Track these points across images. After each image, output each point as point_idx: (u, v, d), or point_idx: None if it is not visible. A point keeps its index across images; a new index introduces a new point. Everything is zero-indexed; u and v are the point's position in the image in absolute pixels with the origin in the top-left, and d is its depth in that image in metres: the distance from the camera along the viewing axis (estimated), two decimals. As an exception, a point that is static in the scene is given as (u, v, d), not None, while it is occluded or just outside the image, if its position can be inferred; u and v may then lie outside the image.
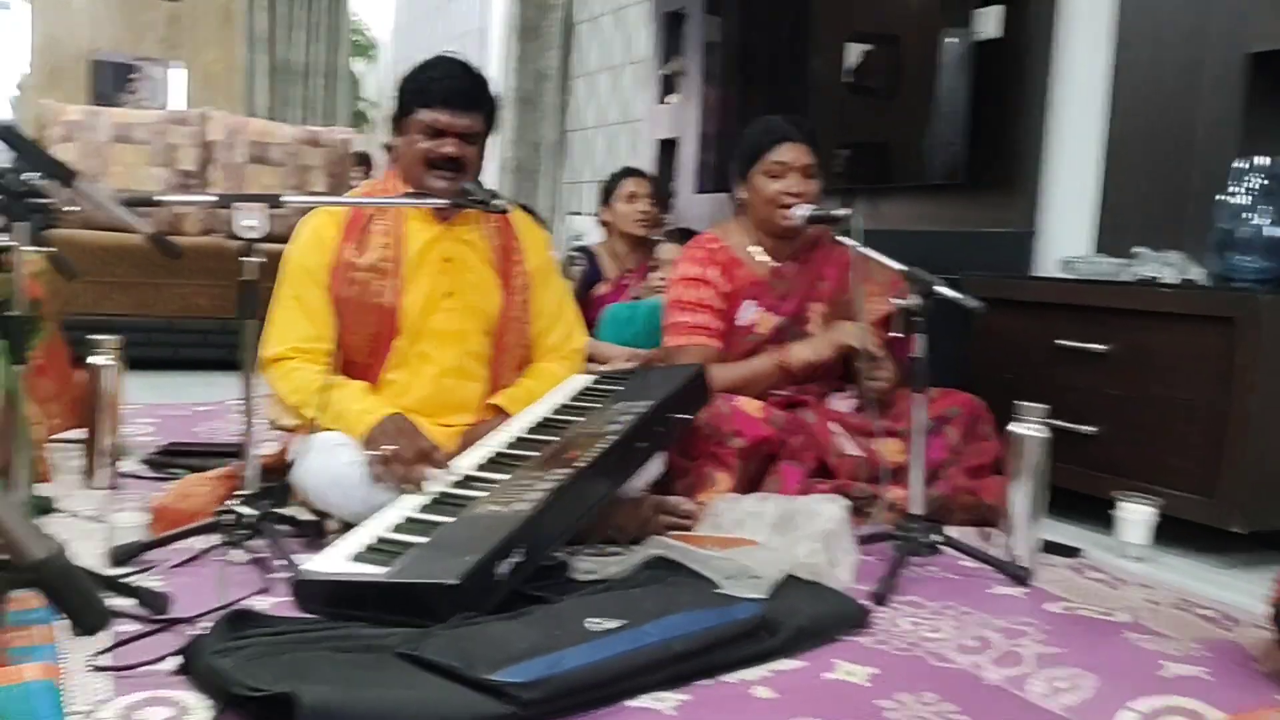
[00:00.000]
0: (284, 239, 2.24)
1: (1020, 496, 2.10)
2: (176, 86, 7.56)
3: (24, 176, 1.40)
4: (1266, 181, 2.51)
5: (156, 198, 1.73)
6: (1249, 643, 1.73)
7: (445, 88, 2.10)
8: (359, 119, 8.56)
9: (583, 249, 3.72)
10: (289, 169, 4.82)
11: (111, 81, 7.36)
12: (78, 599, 0.55)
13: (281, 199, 1.84)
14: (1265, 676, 1.60)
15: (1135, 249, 2.73)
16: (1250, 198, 2.52)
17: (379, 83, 9.32)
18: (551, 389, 2.26)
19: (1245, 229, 2.51)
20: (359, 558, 1.70)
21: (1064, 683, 1.53)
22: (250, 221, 1.82)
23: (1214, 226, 2.58)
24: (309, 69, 6.90)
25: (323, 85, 6.94)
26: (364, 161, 7.09)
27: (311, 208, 2.23)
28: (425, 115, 2.11)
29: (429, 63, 2.17)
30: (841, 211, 2.32)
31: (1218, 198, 2.56)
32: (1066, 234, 3.17)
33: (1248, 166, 2.54)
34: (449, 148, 2.11)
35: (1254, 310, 2.24)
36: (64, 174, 1.45)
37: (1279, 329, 2.25)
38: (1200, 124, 2.81)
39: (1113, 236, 3.03)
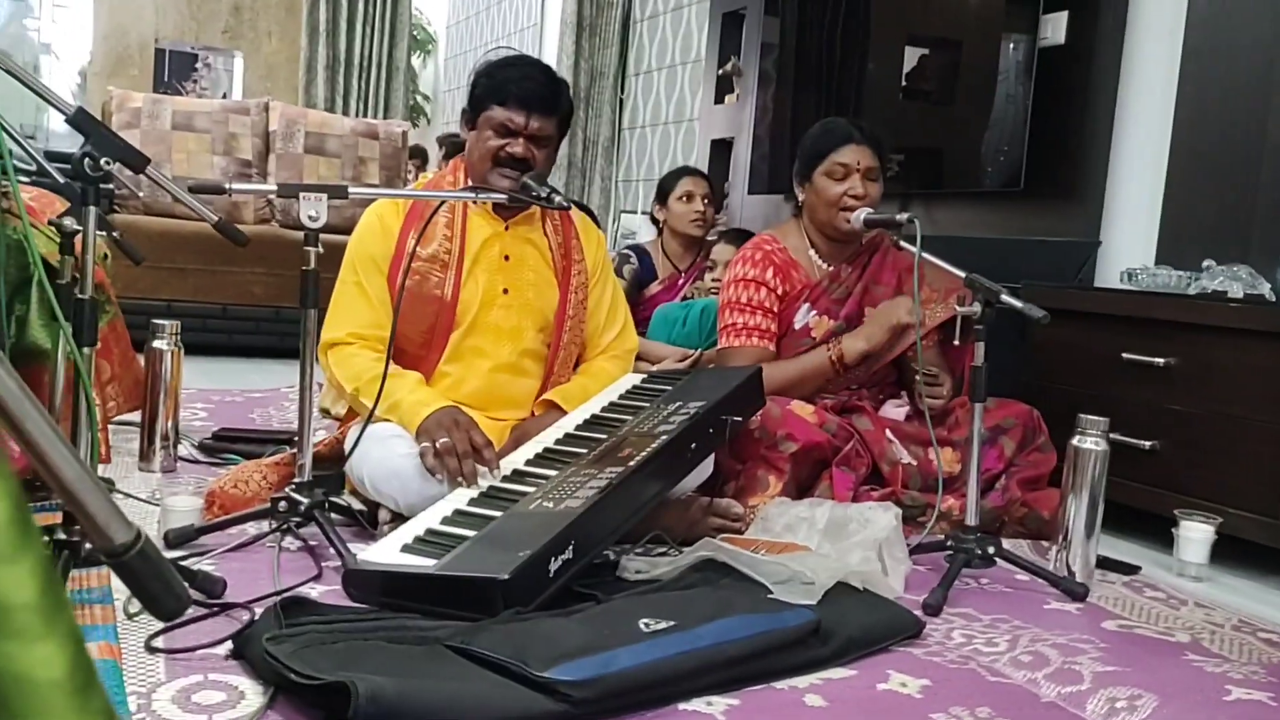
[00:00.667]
0: (342, 230, 2.26)
1: (1078, 511, 2.07)
2: (237, 76, 7.67)
3: (102, 161, 1.42)
4: (1341, 196, 2.45)
5: (225, 185, 1.74)
6: (1314, 669, 1.69)
7: (523, 89, 2.10)
8: (414, 112, 8.62)
9: (635, 247, 3.71)
10: (345, 160, 4.87)
11: (174, 70, 7.48)
12: (158, 584, 0.55)
13: (348, 190, 1.85)
14: (1332, 705, 1.55)
15: (1204, 262, 2.67)
16: (1324, 212, 2.46)
17: (435, 76, 9.38)
18: (604, 387, 2.26)
19: (1318, 244, 2.44)
20: (410, 549, 1.71)
21: (1123, 702, 1.50)
22: (313, 211, 1.83)
23: (1285, 241, 2.52)
24: (368, 62, 6.96)
25: (381, 78, 6.99)
26: (418, 154, 7.15)
27: (374, 198, 2.24)
28: (499, 113, 2.11)
29: (508, 60, 2.17)
30: (902, 216, 2.29)
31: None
32: (1128, 244, 3.11)
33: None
34: (518, 148, 2.11)
35: (1326, 328, 2.19)
36: (136, 160, 1.46)
37: (1352, 348, 2.19)
38: (1270, 135, 2.75)
39: (1175, 248, 2.97)
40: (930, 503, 2.29)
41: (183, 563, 1.72)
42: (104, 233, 1.92)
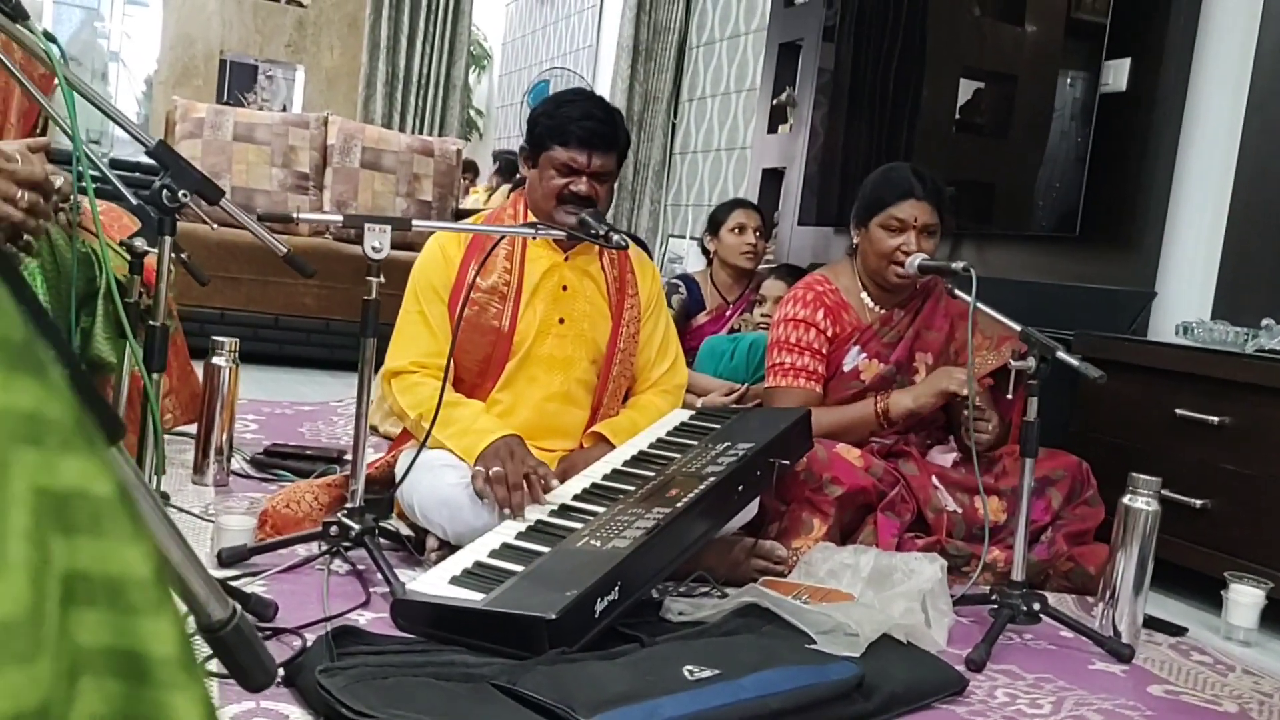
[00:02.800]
0: (397, 247, 2.27)
1: (1126, 570, 2.05)
2: (298, 89, 7.81)
3: (180, 194, 1.45)
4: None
5: (293, 215, 1.78)
6: (1366, 748, 1.66)
7: (584, 129, 2.12)
8: (468, 127, 8.72)
9: (684, 277, 3.72)
10: (400, 176, 4.93)
11: (237, 81, 7.62)
12: (249, 658, 0.57)
13: (412, 223, 1.88)
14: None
15: (1264, 320, 2.64)
16: (1389, 276, 2.42)
17: (489, 92, 9.48)
18: (652, 421, 2.27)
19: (1381, 308, 2.41)
20: (458, 581, 1.73)
21: (1169, 776, 1.48)
22: (377, 243, 1.86)
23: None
24: (426, 79, 7.05)
25: (438, 95, 7.08)
26: (469, 168, 7.22)
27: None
28: (562, 154, 2.13)
29: (567, 98, 2.20)
30: (957, 265, 2.29)
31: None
32: (1184, 297, 3.08)
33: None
34: (582, 186, 2.13)
35: (1388, 396, 2.15)
36: (212, 193, 1.50)
37: None
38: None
39: (1233, 303, 2.94)
40: (975, 553, 2.27)
41: (235, 583, 1.75)
42: (173, 254, 1.97)
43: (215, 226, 2.00)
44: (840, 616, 1.76)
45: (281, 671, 1.47)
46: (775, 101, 5.21)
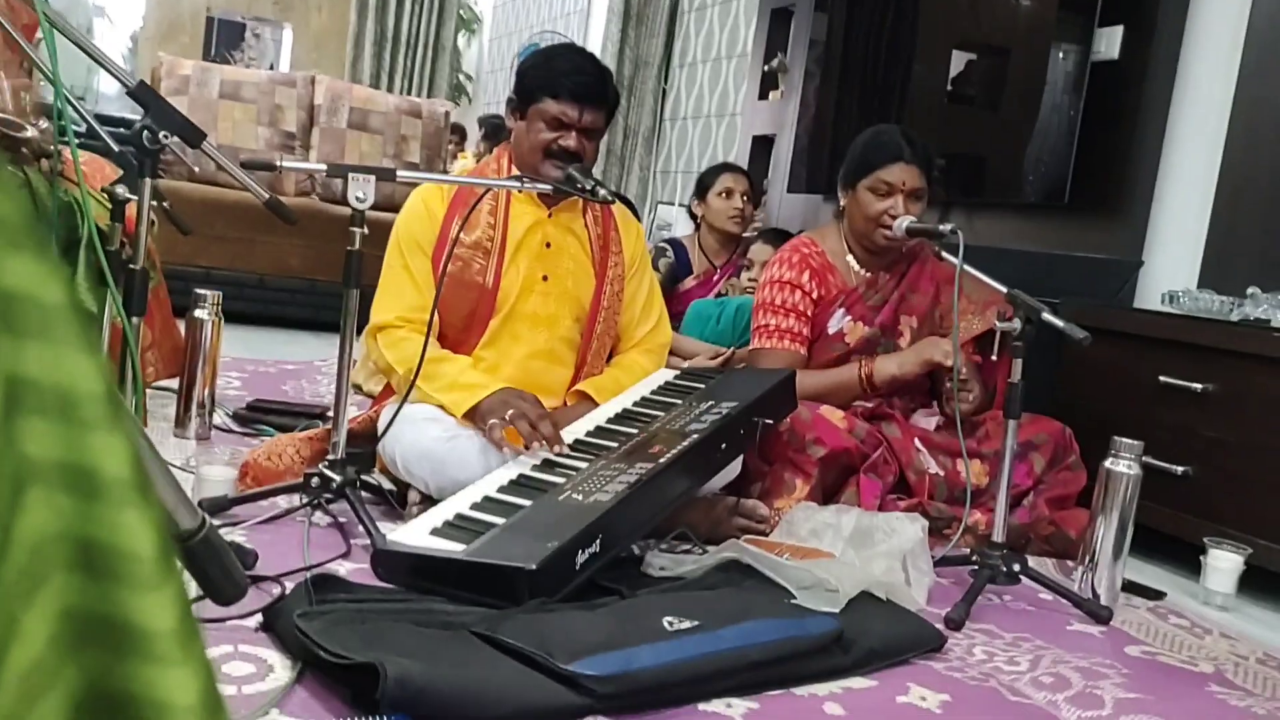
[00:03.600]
0: (383, 208, 2.26)
1: (1106, 534, 2.06)
2: (285, 48, 7.72)
3: (160, 135, 1.43)
4: (1393, 230, 2.42)
5: (277, 162, 1.76)
6: (1338, 708, 1.67)
7: (576, 83, 2.10)
8: (457, 91, 8.65)
9: (672, 241, 3.71)
10: (387, 137, 4.89)
11: (224, 39, 7.53)
12: (219, 570, 0.56)
13: (396, 174, 1.86)
14: (1355, 746, 1.54)
15: (1249, 289, 2.64)
16: (1374, 246, 2.42)
17: (478, 56, 9.40)
18: (636, 380, 2.26)
19: (1366, 278, 2.41)
20: (439, 533, 1.72)
21: (1144, 731, 1.50)
22: (361, 193, 1.84)
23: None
24: (414, 39, 6.98)
25: (426, 56, 7.01)
26: (456, 131, 7.16)
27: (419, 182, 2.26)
28: (552, 107, 2.11)
29: (556, 51, 2.18)
30: (945, 227, 2.28)
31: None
32: (1171, 266, 3.09)
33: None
34: (570, 141, 2.11)
35: (1370, 364, 2.16)
36: (193, 135, 1.48)
37: (1394, 385, 2.17)
38: (1326, 165, 2.72)
39: (1219, 272, 2.94)
40: (956, 515, 2.28)
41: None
42: (155, 202, 1.95)
43: (196, 169, 1.96)
44: (820, 573, 1.77)
45: (260, 617, 1.47)
46: (766, 68, 5.17)
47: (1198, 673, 1.78)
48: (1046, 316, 1.95)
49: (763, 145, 5.15)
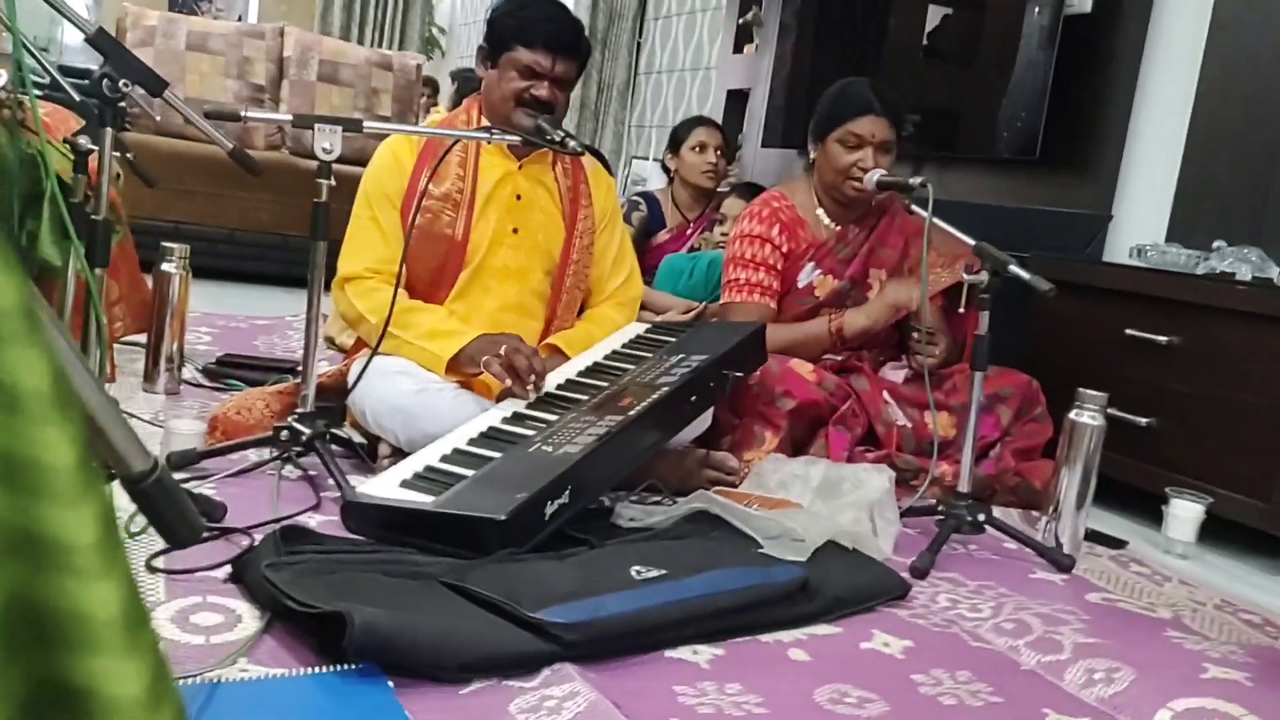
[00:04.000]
0: (353, 161, 2.25)
1: (1070, 484, 2.09)
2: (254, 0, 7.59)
3: (120, 83, 1.41)
4: (1357, 184, 2.44)
5: (241, 113, 1.74)
6: (1291, 651, 1.72)
7: (548, 31, 2.08)
8: (429, 45, 8.54)
9: (645, 195, 3.70)
10: (358, 90, 4.83)
11: (190, -11, 7.40)
12: (173, 512, 0.57)
13: (363, 124, 1.85)
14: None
15: (1215, 243, 2.67)
16: (1338, 200, 2.45)
17: (451, 9, 9.27)
18: (608, 333, 2.27)
19: (1330, 232, 2.44)
20: (409, 484, 1.73)
21: (1101, 674, 1.53)
22: (328, 144, 1.83)
23: (1297, 226, 2.51)
24: (384, -9, 6.88)
25: (398, 8, 6.91)
26: (428, 84, 7.07)
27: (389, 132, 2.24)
28: (525, 55, 2.09)
29: (525, 3, 2.14)
30: (914, 180, 2.29)
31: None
32: (1140, 220, 3.10)
33: (1339, 167, 2.46)
34: (543, 91, 2.10)
35: (1330, 316, 2.19)
36: (155, 83, 1.46)
37: (1354, 337, 2.20)
38: (1293, 119, 2.73)
39: (1187, 226, 2.97)
40: (924, 466, 2.31)
41: (183, 485, 1.74)
42: (118, 153, 1.92)
43: (158, 118, 1.93)
44: (787, 522, 1.79)
45: (229, 568, 1.47)
46: (741, 21, 5.13)
47: (1156, 618, 1.81)
48: (1013, 269, 1.96)
49: (738, 99, 5.12)
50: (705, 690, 1.33)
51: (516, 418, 1.96)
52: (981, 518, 2.05)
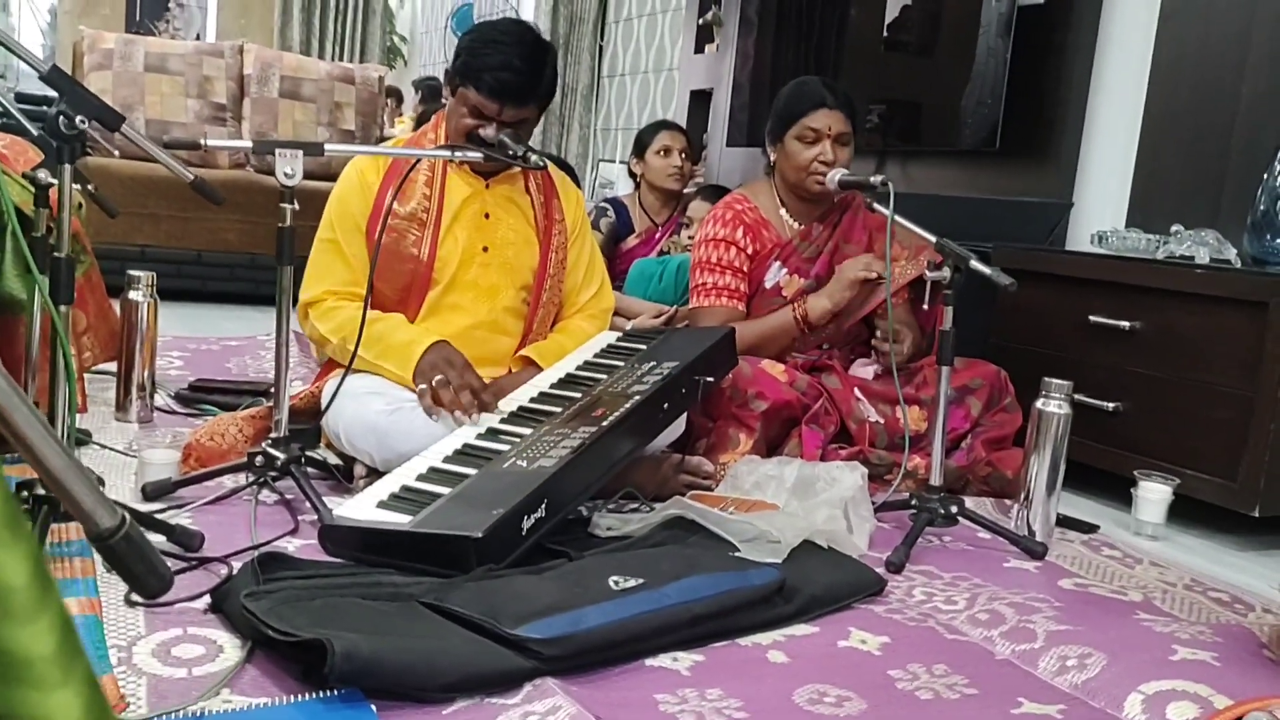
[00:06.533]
0: (318, 177, 2.24)
1: (1039, 471, 2.12)
2: (211, 17, 7.54)
3: (77, 120, 1.42)
4: (1309, 165, 2.49)
5: (200, 140, 1.74)
6: (1260, 629, 1.75)
7: (499, 80, 2.05)
8: (391, 54, 8.51)
9: (612, 201, 3.71)
10: (321, 105, 4.82)
11: (147, 9, 7.35)
12: (141, 565, 0.58)
13: (324, 148, 1.85)
14: (1275, 664, 1.62)
15: (1173, 227, 2.71)
16: (1291, 180, 2.49)
17: (413, 16, 9.24)
18: (580, 345, 2.28)
19: (1283, 212, 2.48)
20: (385, 505, 1.74)
21: (1073, 661, 1.56)
22: (289, 169, 1.83)
23: (1252, 207, 2.56)
24: (344, 3, 6.86)
25: (357, 20, 6.89)
26: (392, 94, 7.06)
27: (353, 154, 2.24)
28: (474, 96, 2.08)
29: (492, 36, 2.10)
30: (876, 178, 2.31)
31: (1265, 177, 2.54)
32: (1100, 207, 3.15)
33: (1291, 148, 2.51)
34: (490, 131, 2.08)
35: (1287, 296, 2.23)
36: (111, 118, 1.46)
37: (1310, 316, 2.24)
38: (1244, 101, 2.78)
39: (1146, 211, 3.01)
40: (897, 461, 2.34)
41: (160, 516, 1.75)
42: (79, 185, 1.92)
43: (116, 154, 1.93)
44: (763, 525, 1.81)
45: (208, 598, 1.48)
46: (701, 21, 5.15)
47: (1126, 601, 1.85)
48: (974, 264, 1.99)
49: (701, 99, 5.14)
50: (686, 697, 1.34)
51: (491, 433, 1.97)
52: (954, 509, 2.08)
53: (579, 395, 2.06)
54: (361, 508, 1.74)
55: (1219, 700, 1.44)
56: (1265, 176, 2.51)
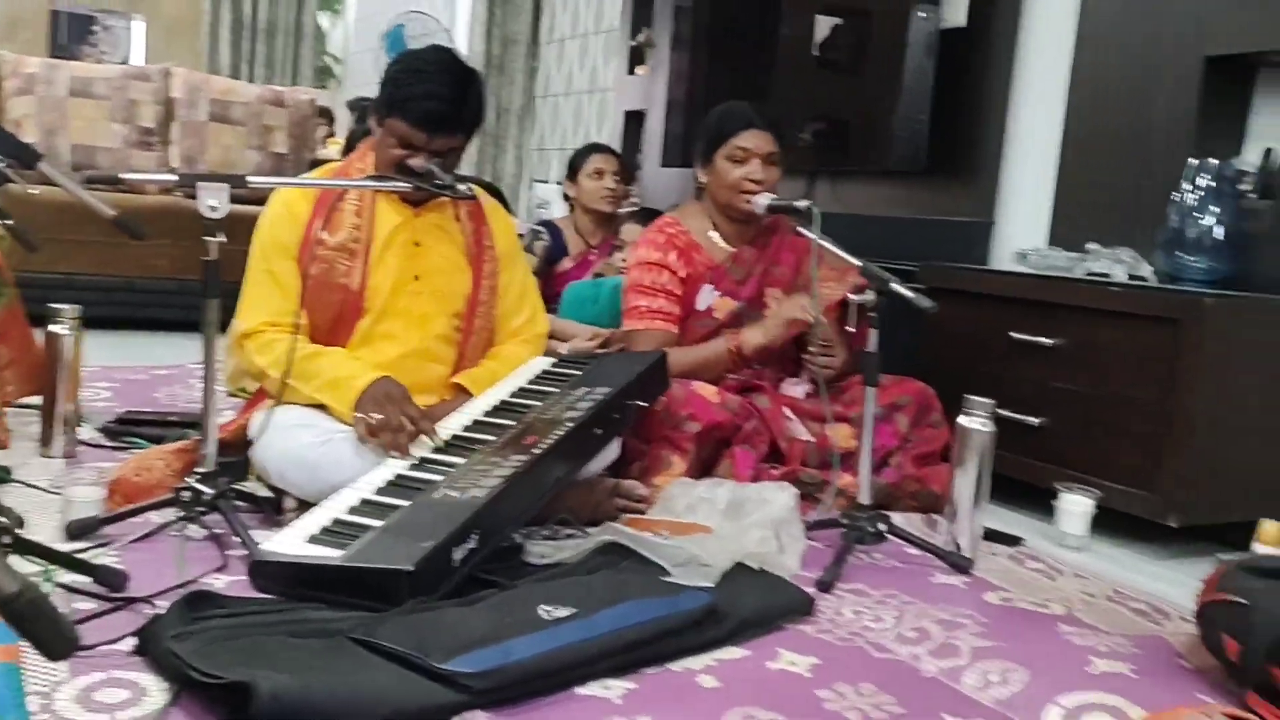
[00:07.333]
0: (249, 201, 2.21)
1: (965, 487, 2.16)
2: (137, 40, 7.43)
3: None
4: (1216, 183, 2.58)
5: (120, 175, 1.73)
6: (1176, 638, 1.81)
7: (425, 109, 2.04)
8: (323, 75, 8.45)
9: (547, 223, 3.72)
10: (251, 129, 4.77)
11: (71, 33, 7.21)
12: (46, 628, 0.58)
13: (247, 180, 1.85)
14: (1190, 672, 1.67)
15: (1089, 245, 2.79)
16: (1200, 199, 2.58)
17: (345, 37, 9.19)
18: (514, 371, 2.29)
19: (1194, 229, 2.58)
20: (316, 539, 1.73)
21: (996, 676, 1.60)
22: (214, 202, 1.82)
23: (1165, 225, 2.64)
24: (273, 25, 6.80)
25: (287, 42, 6.84)
26: (325, 115, 7.01)
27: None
28: (401, 127, 2.07)
29: (418, 65, 2.10)
30: (802, 203, 2.35)
31: (1171, 196, 2.62)
32: (1023, 225, 3.23)
33: (1199, 167, 2.60)
34: (418, 161, 2.07)
35: (1198, 312, 2.31)
36: (28, 156, 1.45)
37: (1222, 331, 2.32)
38: (1156, 123, 2.87)
39: (1067, 230, 3.09)
40: (828, 480, 2.37)
41: (85, 555, 1.72)
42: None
43: (35, 191, 1.91)
44: (694, 549, 1.83)
45: (133, 641, 1.46)
46: (634, 43, 5.20)
47: (1049, 614, 1.89)
48: (894, 286, 2.03)
49: (636, 120, 5.18)
50: (616, 726, 1.36)
51: (424, 464, 1.97)
52: (883, 527, 2.12)
53: (513, 423, 2.07)
54: (291, 542, 1.73)
55: (1134, 712, 1.49)
56: (1174, 195, 2.60)
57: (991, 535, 2.31)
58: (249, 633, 1.43)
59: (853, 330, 2.16)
